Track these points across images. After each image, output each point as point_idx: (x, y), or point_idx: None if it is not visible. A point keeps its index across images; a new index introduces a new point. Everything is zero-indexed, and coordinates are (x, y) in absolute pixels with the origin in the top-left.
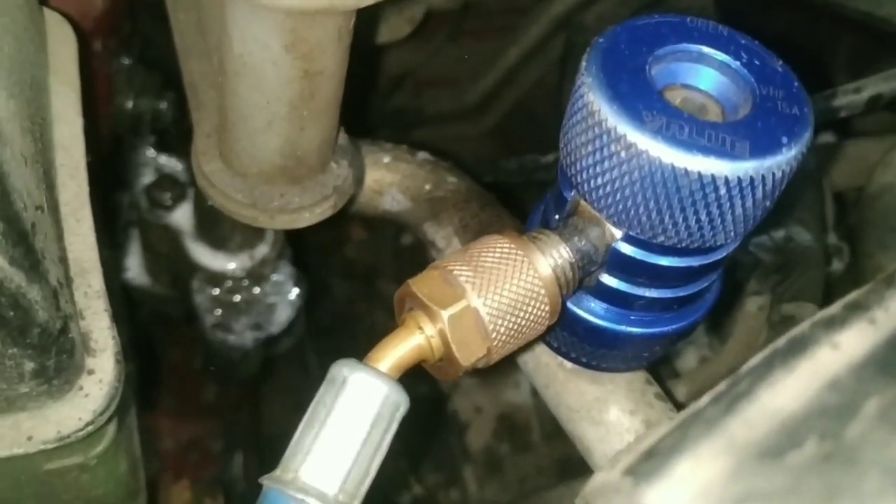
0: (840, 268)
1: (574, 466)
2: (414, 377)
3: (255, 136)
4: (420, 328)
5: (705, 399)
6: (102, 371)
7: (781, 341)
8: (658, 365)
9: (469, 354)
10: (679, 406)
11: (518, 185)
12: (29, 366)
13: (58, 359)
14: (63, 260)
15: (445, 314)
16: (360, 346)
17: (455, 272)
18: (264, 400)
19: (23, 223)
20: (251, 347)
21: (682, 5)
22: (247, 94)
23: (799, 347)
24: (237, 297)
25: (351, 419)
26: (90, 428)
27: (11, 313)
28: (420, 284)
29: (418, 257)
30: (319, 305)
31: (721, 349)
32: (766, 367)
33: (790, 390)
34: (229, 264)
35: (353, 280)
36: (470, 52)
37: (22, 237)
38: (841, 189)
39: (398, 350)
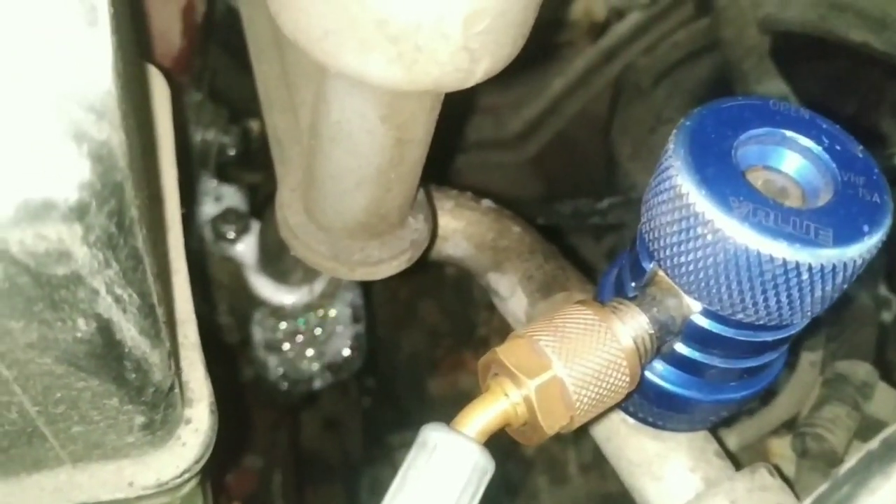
0: (889, 319)
1: (611, 502)
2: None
3: (342, 196)
4: (506, 395)
5: (807, 502)
6: (199, 421)
7: (875, 444)
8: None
9: (553, 423)
10: (734, 461)
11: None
12: (140, 420)
13: (164, 412)
14: (171, 318)
15: (533, 384)
16: (399, 373)
17: (541, 342)
18: (303, 420)
19: (152, 297)
20: (303, 379)
21: (737, 52)
22: (339, 157)
23: (894, 452)
24: (295, 330)
25: (441, 484)
26: (186, 475)
27: (133, 376)
28: (507, 352)
29: (461, 287)
30: None
31: (772, 402)
32: (865, 472)
33: (890, 498)
34: (290, 298)
35: (396, 306)
36: (514, 81)
37: (151, 309)
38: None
39: (485, 415)
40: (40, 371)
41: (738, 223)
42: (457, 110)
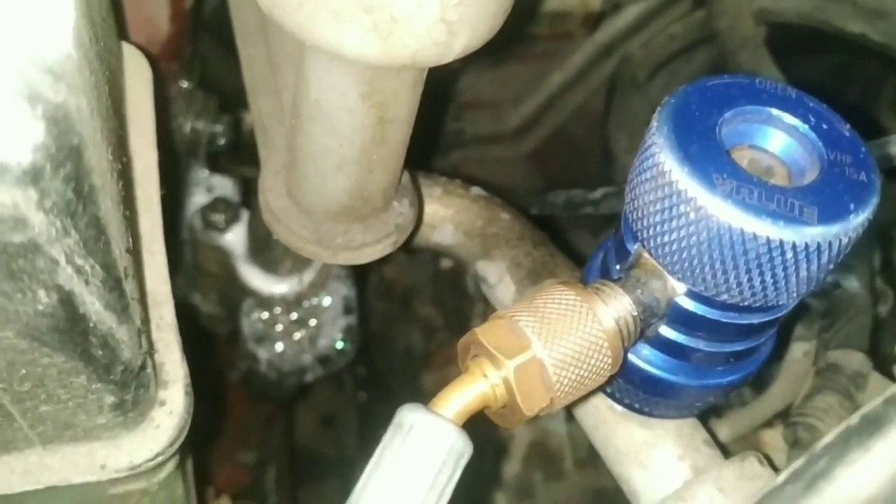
0: (884, 312)
1: (606, 497)
2: None
3: (324, 177)
4: (485, 376)
5: (783, 476)
6: (173, 403)
7: (855, 419)
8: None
9: (533, 404)
10: (725, 451)
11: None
12: (109, 399)
13: (136, 393)
14: (143, 297)
15: (511, 364)
16: (394, 367)
17: (521, 322)
18: (297, 415)
19: (118, 269)
20: (294, 371)
21: (733, 43)
22: (320, 137)
23: (873, 427)
24: (285, 321)
25: (417, 466)
26: (160, 458)
27: (100, 352)
28: (486, 333)
29: (456, 281)
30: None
31: (765, 393)
32: (843, 446)
33: (867, 472)
34: (279, 287)
35: (391, 301)
36: (513, 76)
37: (117, 283)
38: (885, 227)
39: (463, 397)
40: (2, 346)
41: (721, 200)
42: (453, 104)
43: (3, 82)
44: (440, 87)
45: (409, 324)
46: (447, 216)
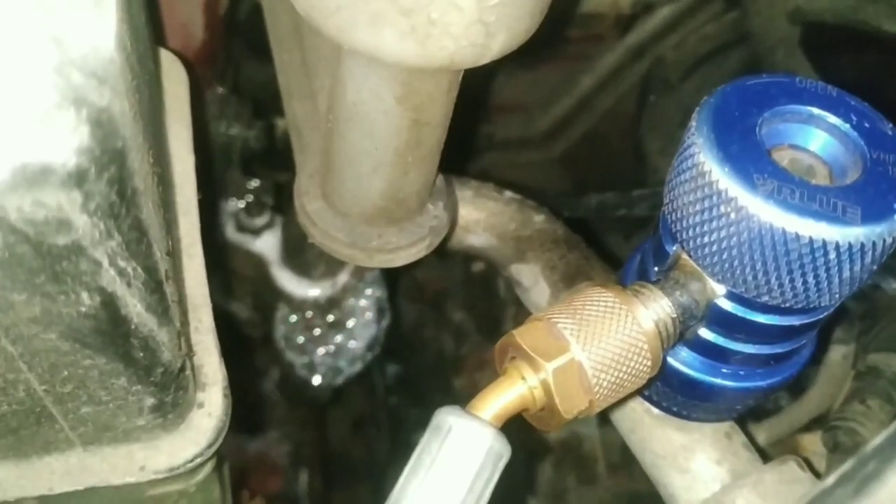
0: None
1: (640, 501)
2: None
3: (360, 180)
4: (523, 378)
5: (832, 479)
6: (212, 405)
7: None
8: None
9: (571, 407)
10: (763, 455)
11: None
12: (149, 401)
13: (175, 395)
14: (182, 299)
15: (550, 366)
16: (426, 371)
17: (559, 324)
18: (330, 419)
19: (159, 272)
20: (327, 373)
21: (767, 44)
22: (356, 140)
23: None
24: (318, 324)
25: (455, 468)
26: (199, 460)
27: (141, 354)
28: (524, 335)
29: (488, 284)
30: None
31: (803, 396)
32: (892, 448)
33: None
34: (312, 291)
35: (422, 304)
36: (543, 78)
37: (158, 285)
38: None
39: (501, 399)
40: (45, 347)
41: (763, 201)
42: (484, 107)
43: (49, 86)
44: (471, 90)
45: (440, 327)
46: (480, 219)
